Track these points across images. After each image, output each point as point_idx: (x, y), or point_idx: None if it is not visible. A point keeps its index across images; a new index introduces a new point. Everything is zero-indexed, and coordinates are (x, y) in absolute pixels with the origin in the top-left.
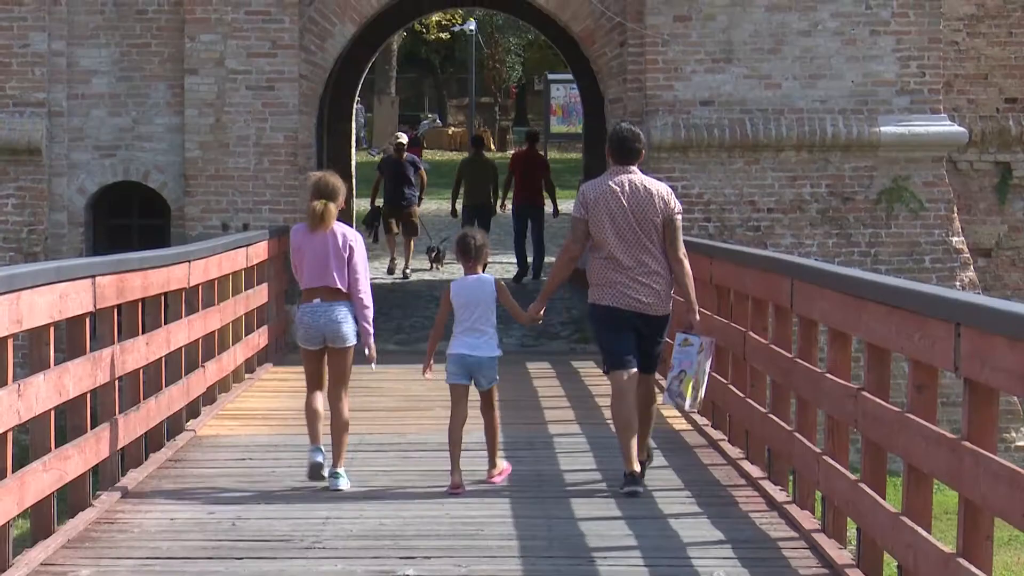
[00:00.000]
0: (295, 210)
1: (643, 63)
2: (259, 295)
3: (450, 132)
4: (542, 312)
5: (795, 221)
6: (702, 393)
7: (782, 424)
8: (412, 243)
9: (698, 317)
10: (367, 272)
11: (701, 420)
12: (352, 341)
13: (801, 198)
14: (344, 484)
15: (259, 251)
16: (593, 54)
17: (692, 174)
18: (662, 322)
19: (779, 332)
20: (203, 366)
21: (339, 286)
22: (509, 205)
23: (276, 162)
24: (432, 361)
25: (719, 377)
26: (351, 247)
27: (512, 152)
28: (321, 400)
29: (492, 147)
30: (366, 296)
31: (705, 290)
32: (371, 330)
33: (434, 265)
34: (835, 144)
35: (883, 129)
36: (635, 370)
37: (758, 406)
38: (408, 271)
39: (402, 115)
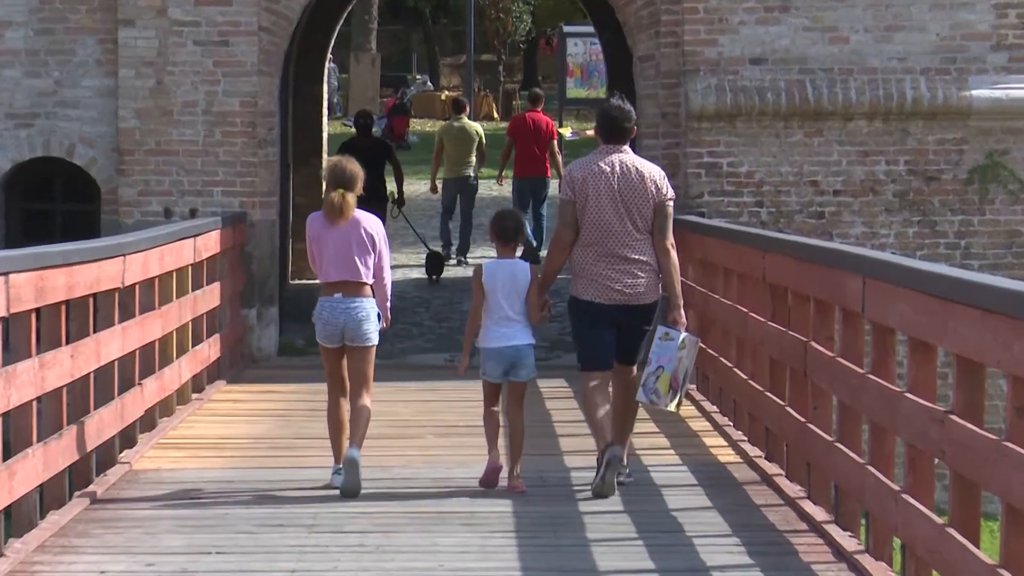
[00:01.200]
0: (253, 192)
1: (680, 12)
2: (210, 297)
3: (443, 97)
4: (547, 308)
5: (867, 206)
6: (682, 395)
7: (852, 455)
8: None
9: (682, 313)
10: (389, 257)
11: (752, 451)
12: (374, 341)
13: (875, 177)
14: (355, 455)
15: (210, 243)
16: (619, 2)
17: (740, 149)
18: (648, 310)
19: (848, 342)
20: (141, 384)
21: (363, 279)
22: (508, 180)
23: (230, 134)
24: (468, 358)
25: (774, 398)
26: (374, 237)
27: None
28: (344, 408)
29: (496, 115)
30: (387, 276)
31: (757, 290)
32: (389, 304)
33: (433, 277)
34: (916, 111)
35: (975, 93)
36: (609, 372)
37: (822, 433)
38: None
39: (385, 76)
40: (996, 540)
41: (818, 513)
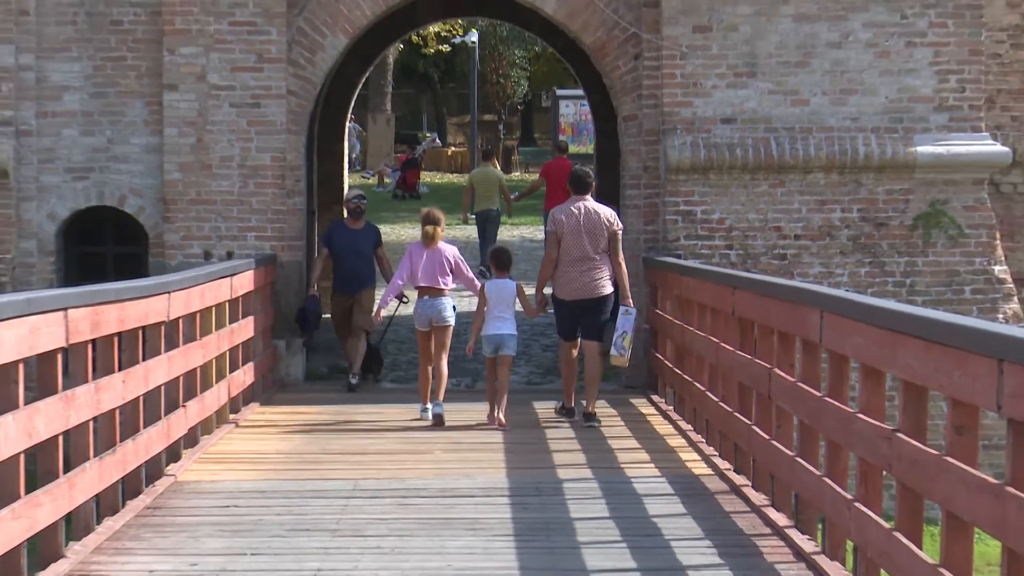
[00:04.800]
0: (282, 237)
1: (660, 77)
2: (244, 329)
3: (450, 153)
4: (545, 303)
5: (824, 248)
6: (631, 349)
7: (810, 468)
8: (363, 343)
9: (629, 298)
10: (468, 268)
11: (723, 464)
12: (451, 322)
13: (831, 223)
14: (440, 410)
15: (244, 282)
16: (605, 67)
17: (713, 198)
18: (606, 300)
19: (807, 369)
20: (184, 406)
21: (440, 286)
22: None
23: (262, 185)
24: (473, 342)
25: (743, 418)
26: (453, 262)
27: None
28: (429, 371)
29: (497, 167)
30: (472, 275)
31: (727, 323)
32: (477, 283)
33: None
34: (868, 165)
35: (920, 149)
36: (579, 341)
37: (784, 449)
38: (355, 379)
39: (398, 134)
40: (937, 543)
41: (780, 519)
